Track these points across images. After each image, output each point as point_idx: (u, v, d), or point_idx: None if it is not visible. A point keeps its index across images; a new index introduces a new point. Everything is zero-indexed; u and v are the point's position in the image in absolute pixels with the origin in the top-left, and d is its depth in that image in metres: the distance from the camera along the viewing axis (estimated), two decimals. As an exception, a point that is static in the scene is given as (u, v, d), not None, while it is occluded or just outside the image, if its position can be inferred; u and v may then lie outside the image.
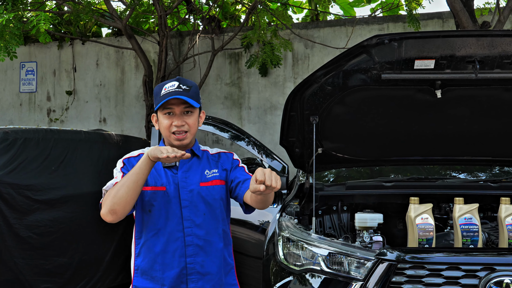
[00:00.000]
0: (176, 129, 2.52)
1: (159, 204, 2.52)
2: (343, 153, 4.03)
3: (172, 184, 2.54)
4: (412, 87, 3.50)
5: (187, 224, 2.53)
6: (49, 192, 5.05)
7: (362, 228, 3.75)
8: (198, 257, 2.54)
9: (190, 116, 2.56)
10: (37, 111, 10.48)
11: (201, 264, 2.55)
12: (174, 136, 2.54)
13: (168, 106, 2.53)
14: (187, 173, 2.58)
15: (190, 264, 2.53)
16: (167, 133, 2.55)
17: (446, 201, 3.97)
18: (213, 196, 2.58)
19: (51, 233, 5.03)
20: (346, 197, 4.08)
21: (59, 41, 10.19)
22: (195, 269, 2.54)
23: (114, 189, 2.39)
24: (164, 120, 2.54)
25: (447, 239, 3.57)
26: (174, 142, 2.55)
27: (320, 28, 8.74)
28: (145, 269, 2.55)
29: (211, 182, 2.59)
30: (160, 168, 2.57)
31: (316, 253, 3.18)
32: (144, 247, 2.55)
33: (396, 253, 2.92)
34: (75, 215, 5.19)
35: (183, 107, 2.53)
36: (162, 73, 8.29)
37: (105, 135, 5.98)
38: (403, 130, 3.89)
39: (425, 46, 3.18)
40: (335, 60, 3.29)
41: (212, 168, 2.63)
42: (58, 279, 5.08)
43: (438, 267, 2.86)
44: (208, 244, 2.56)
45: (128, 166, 2.53)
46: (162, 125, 2.56)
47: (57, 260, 5.08)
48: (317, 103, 3.59)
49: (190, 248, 2.53)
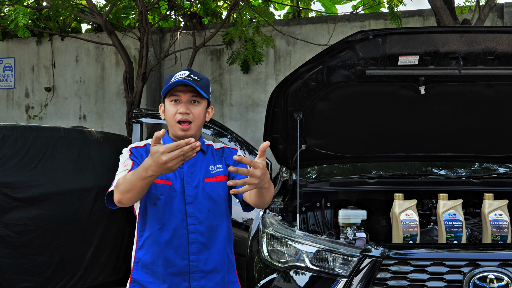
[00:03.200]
0: (181, 117, 2.44)
1: (165, 198, 2.44)
2: (326, 149, 4.01)
3: (178, 179, 2.47)
4: (396, 83, 3.49)
5: (191, 221, 2.46)
6: (28, 189, 5.00)
7: (346, 225, 3.74)
8: (202, 255, 2.48)
9: (197, 106, 2.49)
10: (15, 107, 10.33)
11: (204, 262, 2.48)
12: (179, 126, 2.46)
13: (175, 93, 2.47)
14: (192, 168, 2.51)
15: (193, 262, 2.46)
16: (172, 122, 2.47)
17: (429, 197, 3.98)
18: (218, 192, 2.52)
19: (30, 231, 4.98)
20: (330, 194, 4.07)
21: (38, 37, 10.05)
22: (198, 267, 2.47)
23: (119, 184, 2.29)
24: (170, 108, 2.47)
25: (430, 235, 3.59)
26: (178, 132, 2.47)
27: (302, 25, 8.73)
28: (146, 263, 2.47)
29: (216, 178, 2.53)
30: None
31: (300, 250, 3.16)
32: (148, 240, 2.47)
33: (381, 250, 2.91)
34: (55, 213, 5.14)
35: (190, 95, 2.47)
36: (143, 69, 8.20)
37: (85, 132, 5.93)
38: (386, 127, 3.88)
39: (409, 42, 3.17)
40: (319, 56, 3.27)
41: (216, 163, 2.57)
42: (37, 278, 5.04)
43: (423, 263, 2.87)
44: (212, 241, 2.50)
45: (136, 154, 2.46)
46: (168, 113, 2.49)
47: (37, 258, 5.03)
48: (301, 99, 3.56)
49: (194, 246, 2.46)
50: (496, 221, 3.30)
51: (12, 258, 4.84)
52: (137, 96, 8.18)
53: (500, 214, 3.30)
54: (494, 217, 3.30)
